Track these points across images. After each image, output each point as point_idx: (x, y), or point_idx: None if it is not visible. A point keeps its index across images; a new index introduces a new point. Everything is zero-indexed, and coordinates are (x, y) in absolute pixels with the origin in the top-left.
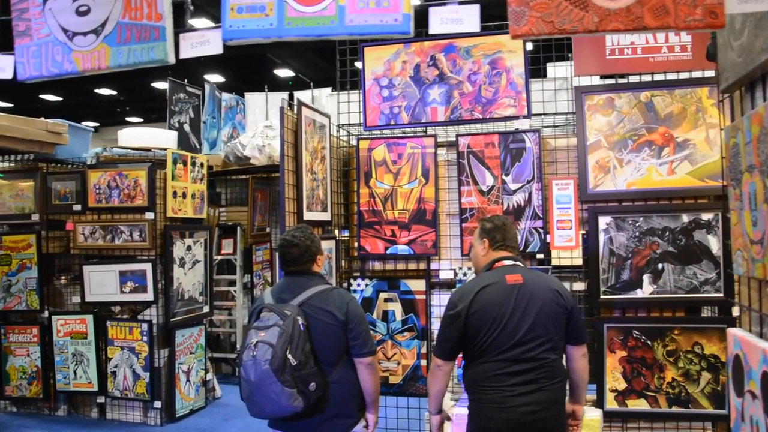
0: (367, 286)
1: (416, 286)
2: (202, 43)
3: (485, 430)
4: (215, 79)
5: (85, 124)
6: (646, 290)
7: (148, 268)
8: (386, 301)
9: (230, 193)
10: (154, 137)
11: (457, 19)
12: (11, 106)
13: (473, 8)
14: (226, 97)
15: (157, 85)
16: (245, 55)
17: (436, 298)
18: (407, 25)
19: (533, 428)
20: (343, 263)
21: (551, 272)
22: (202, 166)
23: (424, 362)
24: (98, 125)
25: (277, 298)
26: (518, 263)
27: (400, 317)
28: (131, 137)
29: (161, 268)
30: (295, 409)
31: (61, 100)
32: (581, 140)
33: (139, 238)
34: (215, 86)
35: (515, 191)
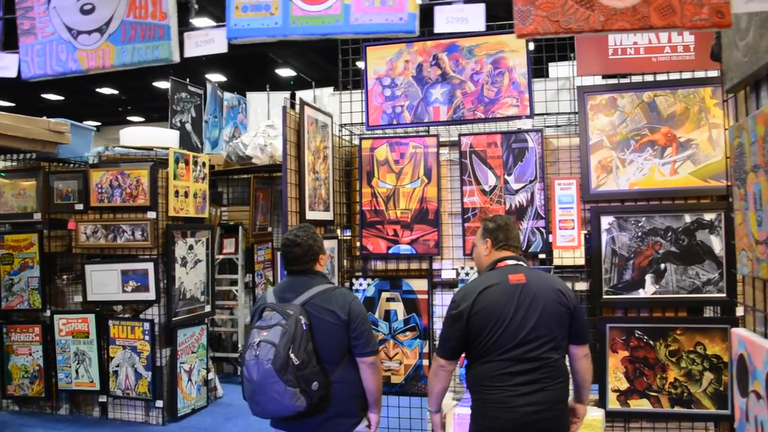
0: (369, 285)
1: (418, 285)
2: (206, 42)
3: (488, 429)
4: (217, 78)
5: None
6: (648, 290)
7: (150, 267)
8: (388, 300)
9: (232, 192)
10: (156, 136)
11: (462, 18)
12: (13, 105)
13: (479, 7)
14: (227, 96)
15: (158, 84)
16: (246, 54)
17: (438, 297)
18: (412, 24)
19: (536, 428)
20: (345, 263)
21: (553, 272)
22: (204, 165)
23: (426, 362)
24: (100, 125)
25: (279, 297)
26: (521, 263)
27: (402, 317)
28: (133, 136)
29: (163, 267)
30: (297, 408)
31: (62, 99)
32: (584, 140)
33: (141, 237)
34: (217, 86)
35: (518, 191)
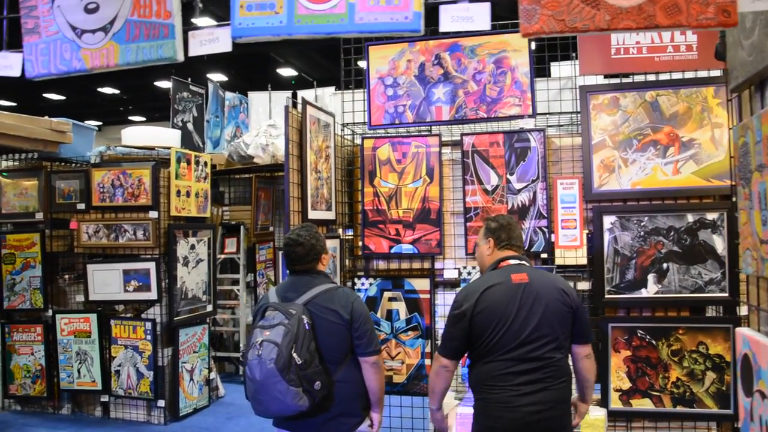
0: (371, 285)
1: (420, 285)
2: (211, 40)
3: (491, 429)
4: (218, 78)
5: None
6: (650, 290)
7: (151, 266)
8: (390, 300)
9: (233, 192)
10: (157, 136)
11: (467, 17)
12: (14, 104)
13: (484, 6)
14: (229, 96)
15: (159, 84)
16: (248, 54)
17: (440, 297)
18: (417, 22)
19: (539, 428)
20: (347, 262)
21: (555, 272)
22: (205, 165)
23: (428, 361)
24: (101, 124)
25: (282, 296)
26: (523, 262)
27: (404, 316)
28: (135, 136)
29: (165, 267)
30: (300, 408)
31: (64, 98)
32: (586, 140)
33: (142, 236)
34: (218, 85)
35: (520, 190)
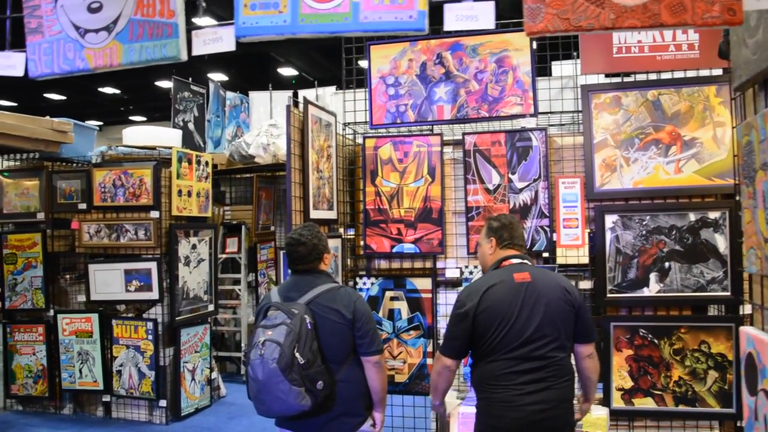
0: (373, 284)
1: (422, 284)
2: (214, 40)
3: (494, 429)
4: (219, 77)
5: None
6: (652, 289)
7: (153, 266)
8: (392, 299)
9: (235, 191)
10: (158, 136)
11: (472, 15)
12: (15, 105)
13: (488, 5)
14: (230, 95)
15: (160, 83)
16: (249, 53)
17: (442, 296)
18: (422, 21)
19: (542, 427)
20: (349, 262)
21: (557, 271)
22: (207, 164)
23: (430, 361)
24: (102, 124)
25: (284, 296)
26: (526, 261)
27: (406, 316)
28: (136, 136)
29: (166, 266)
30: (302, 407)
31: (64, 99)
32: (588, 139)
33: (144, 236)
34: (219, 85)
35: (521, 190)
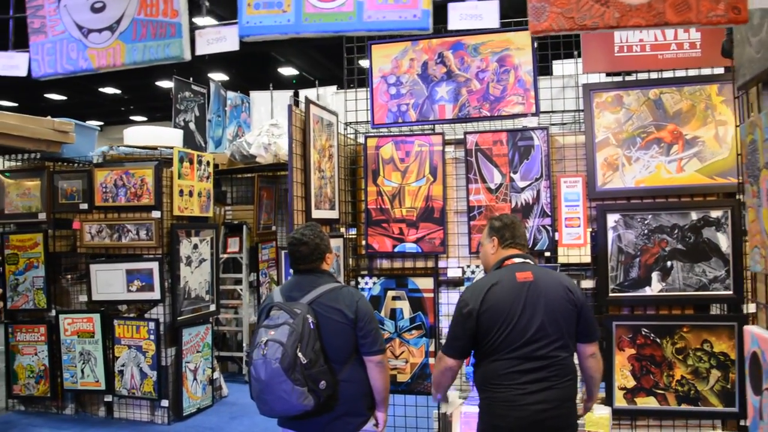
0: (375, 284)
1: (424, 284)
2: (218, 39)
3: (497, 428)
4: (219, 77)
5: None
6: (654, 288)
7: (154, 266)
8: (394, 299)
9: (236, 191)
10: (160, 136)
11: (476, 15)
12: (15, 105)
13: (492, 4)
14: (231, 95)
15: (161, 83)
16: (249, 53)
17: (444, 296)
18: (426, 21)
19: (545, 426)
20: (350, 261)
21: (559, 270)
22: (208, 164)
23: (432, 360)
24: (102, 124)
25: (286, 296)
26: (528, 261)
27: (408, 315)
28: (137, 136)
29: (168, 266)
30: (305, 407)
31: (65, 99)
32: (589, 138)
33: (145, 236)
34: (220, 85)
35: (523, 189)
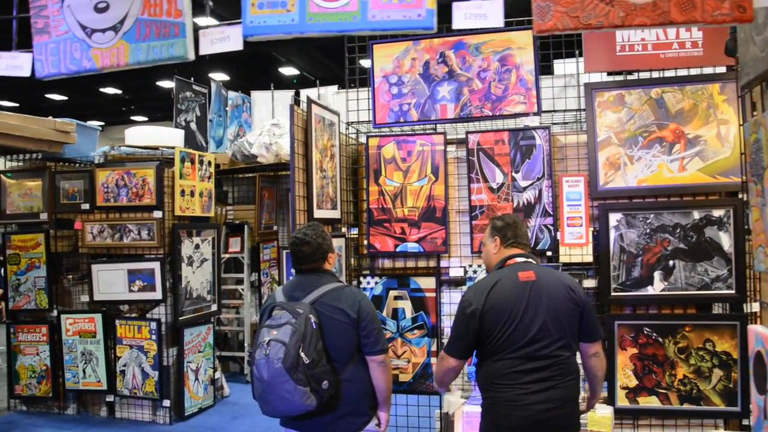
0: (376, 284)
1: (426, 283)
2: (222, 39)
3: (500, 428)
4: (220, 77)
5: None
6: (657, 287)
7: (156, 266)
8: (396, 298)
9: (237, 191)
10: (161, 136)
11: (480, 14)
12: (17, 105)
13: (497, 3)
14: (232, 95)
15: (161, 83)
16: (250, 53)
17: (446, 295)
18: (431, 20)
19: (548, 426)
20: (352, 261)
21: (561, 269)
22: (209, 164)
23: (434, 360)
24: (103, 124)
25: (288, 296)
26: (530, 260)
27: (410, 315)
28: (139, 136)
29: (169, 266)
30: (307, 407)
31: (66, 99)
32: (591, 137)
33: (147, 236)
34: (221, 84)
35: (525, 188)
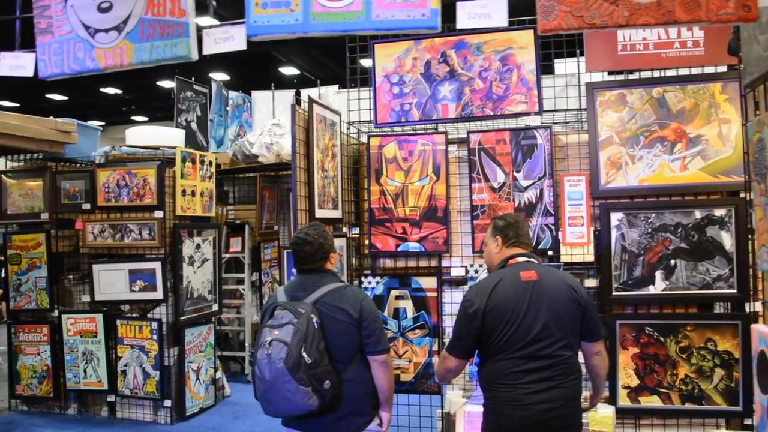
0: (378, 283)
1: (427, 283)
2: (225, 39)
3: (502, 428)
4: (220, 77)
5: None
6: (658, 287)
7: (157, 266)
8: (397, 298)
9: (238, 191)
10: (162, 135)
11: (485, 14)
12: (17, 105)
13: (501, 2)
14: (232, 95)
15: (162, 83)
16: (250, 52)
17: (447, 295)
18: (435, 20)
19: (550, 425)
20: (353, 261)
21: (563, 269)
22: (210, 164)
23: (435, 359)
24: (104, 124)
25: (290, 296)
26: (532, 260)
27: (411, 315)
28: (139, 136)
29: (170, 266)
30: (309, 407)
31: (66, 99)
32: (593, 136)
33: (148, 236)
34: (222, 84)
35: (526, 188)
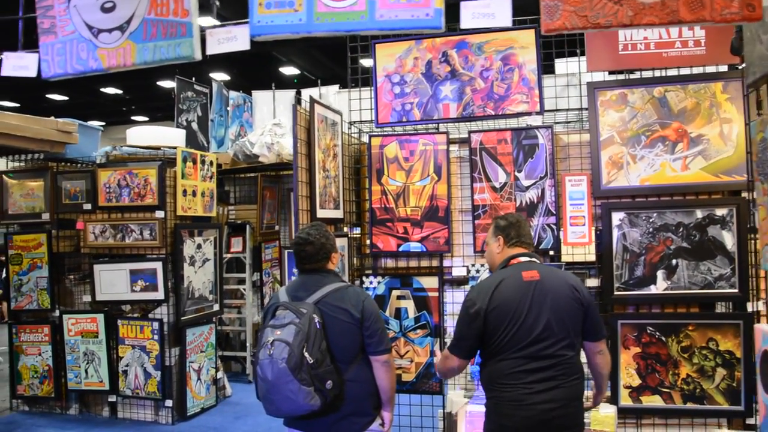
0: (379, 283)
1: (429, 283)
2: (229, 39)
3: (504, 428)
4: (221, 77)
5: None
6: (660, 286)
7: (158, 266)
8: (399, 298)
9: (239, 191)
10: (163, 136)
11: (489, 13)
12: (17, 105)
13: (505, 2)
14: (233, 95)
15: (162, 83)
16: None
17: (448, 295)
18: (439, 19)
19: (552, 425)
20: (355, 261)
21: (564, 268)
22: (211, 164)
23: (436, 359)
24: (104, 124)
25: (292, 296)
26: (534, 259)
27: (412, 314)
28: (140, 136)
29: (171, 266)
30: (311, 407)
31: (66, 99)
32: (594, 136)
33: (149, 236)
34: (222, 84)
35: (528, 188)
